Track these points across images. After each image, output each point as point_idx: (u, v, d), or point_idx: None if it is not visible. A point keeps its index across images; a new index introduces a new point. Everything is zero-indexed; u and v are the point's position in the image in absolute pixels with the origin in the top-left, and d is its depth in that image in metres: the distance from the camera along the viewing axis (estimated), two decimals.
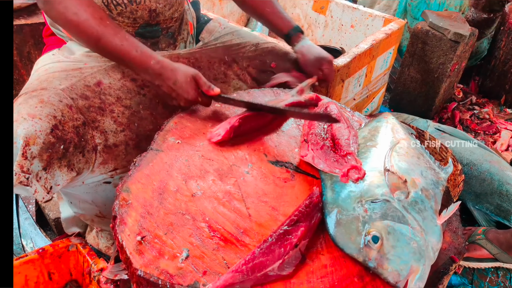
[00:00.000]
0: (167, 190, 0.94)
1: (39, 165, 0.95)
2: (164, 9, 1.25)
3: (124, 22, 1.21)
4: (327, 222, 0.83)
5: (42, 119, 0.97)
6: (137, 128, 1.16)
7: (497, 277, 1.46)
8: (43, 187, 0.97)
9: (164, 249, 0.82)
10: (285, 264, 0.78)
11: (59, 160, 0.99)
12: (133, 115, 1.16)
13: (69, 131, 1.02)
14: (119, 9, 1.18)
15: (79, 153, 1.04)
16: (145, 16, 1.22)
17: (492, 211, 1.60)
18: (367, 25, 2.23)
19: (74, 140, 1.02)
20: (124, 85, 1.16)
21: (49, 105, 1.01)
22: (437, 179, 0.91)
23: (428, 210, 0.82)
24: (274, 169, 1.03)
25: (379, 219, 0.79)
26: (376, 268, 0.74)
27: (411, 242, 0.75)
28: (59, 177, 1.00)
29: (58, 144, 0.98)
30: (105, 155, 1.11)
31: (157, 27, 1.26)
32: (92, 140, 1.08)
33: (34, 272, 1.24)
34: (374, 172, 0.90)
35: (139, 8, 1.20)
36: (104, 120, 1.11)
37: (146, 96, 1.19)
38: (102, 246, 1.45)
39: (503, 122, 2.29)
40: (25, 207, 1.63)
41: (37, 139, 0.94)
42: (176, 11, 1.30)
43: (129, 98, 1.17)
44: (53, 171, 0.98)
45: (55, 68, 1.15)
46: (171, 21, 1.30)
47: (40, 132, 0.95)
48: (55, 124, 0.99)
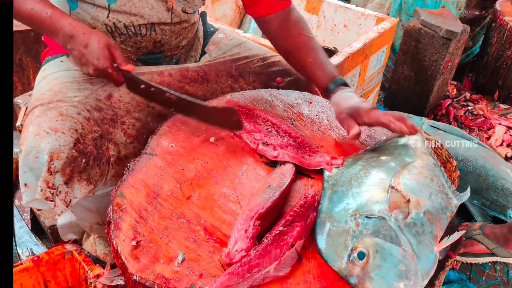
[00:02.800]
0: (161, 194, 0.94)
1: (61, 180, 0.93)
2: (170, 39, 1.22)
3: (127, 50, 1.19)
4: (316, 230, 0.81)
5: (65, 133, 0.95)
6: (146, 140, 1.15)
7: (495, 272, 1.46)
8: (62, 201, 0.95)
9: (159, 253, 0.81)
10: (282, 264, 0.78)
11: (79, 173, 0.97)
12: (142, 127, 1.15)
13: (89, 144, 1.00)
14: (123, 37, 1.16)
15: (97, 165, 1.03)
16: (149, 46, 1.20)
17: (488, 206, 1.60)
18: (360, 24, 2.23)
19: (93, 153, 1.01)
20: (133, 99, 1.15)
21: (69, 118, 0.99)
22: (446, 204, 0.85)
23: (426, 234, 0.77)
24: (269, 170, 1.02)
25: (369, 235, 0.75)
26: (356, 285, 0.71)
27: (399, 265, 0.71)
28: (78, 190, 0.99)
29: (80, 158, 0.97)
30: (117, 167, 1.09)
31: (161, 55, 1.24)
32: (107, 152, 1.07)
33: (30, 280, 1.23)
34: (377, 187, 0.86)
35: (144, 40, 1.18)
36: (116, 132, 1.10)
37: (154, 108, 1.18)
38: (100, 253, 1.44)
39: (497, 117, 2.30)
40: (20, 216, 1.62)
41: (61, 154, 0.93)
42: (184, 39, 1.27)
43: (138, 111, 1.15)
44: (73, 184, 0.97)
45: (67, 77, 1.12)
46: (177, 49, 1.28)
47: (64, 146, 0.94)
48: (77, 138, 0.97)
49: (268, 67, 1.38)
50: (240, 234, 0.81)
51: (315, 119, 1.21)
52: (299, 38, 1.22)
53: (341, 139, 1.14)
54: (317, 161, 1.03)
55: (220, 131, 1.12)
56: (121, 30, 1.14)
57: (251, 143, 1.08)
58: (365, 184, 0.87)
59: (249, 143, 1.09)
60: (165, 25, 1.18)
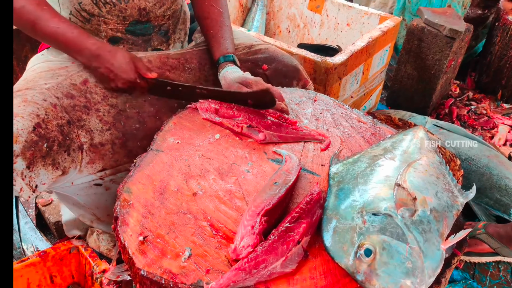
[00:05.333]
0: (168, 190, 0.94)
1: (23, 164, 0.95)
2: (154, 7, 1.25)
3: (114, 20, 1.21)
4: (322, 227, 0.81)
5: (24, 118, 0.97)
6: (123, 127, 1.16)
7: (499, 271, 1.46)
8: (28, 186, 0.97)
9: (166, 248, 0.82)
10: (288, 261, 0.78)
11: (43, 158, 0.99)
12: (119, 113, 1.16)
13: (53, 129, 1.02)
14: (108, 7, 1.18)
15: (64, 151, 1.04)
16: (135, 14, 1.22)
17: (492, 206, 1.60)
18: (363, 23, 2.23)
19: (58, 138, 1.02)
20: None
21: (32, 103, 1.01)
22: (452, 202, 0.85)
23: (433, 232, 0.77)
24: (275, 167, 1.03)
25: (376, 232, 0.75)
26: (363, 282, 0.71)
27: (405, 262, 0.71)
28: (44, 175, 1.00)
29: (41, 143, 0.98)
30: (91, 154, 1.11)
31: (148, 24, 1.26)
32: (77, 138, 1.08)
33: (36, 275, 1.24)
34: (383, 184, 0.85)
35: (128, 7, 1.20)
36: (90, 119, 1.11)
37: (133, 95, 1.19)
38: (103, 249, 1.45)
39: (500, 117, 2.30)
40: (25, 211, 1.63)
41: (19, 137, 0.94)
42: (168, 9, 1.30)
43: (115, 97, 1.16)
44: (37, 169, 0.98)
45: (43, 67, 1.15)
46: (163, 19, 1.30)
47: (22, 130, 0.95)
48: (38, 123, 0.99)
49: (254, 54, 1.40)
50: (247, 230, 0.82)
51: (319, 116, 1.22)
52: (210, 9, 1.34)
53: (346, 136, 1.14)
54: (302, 134, 1.12)
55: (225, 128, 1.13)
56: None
57: (235, 126, 1.11)
58: (371, 181, 0.88)
59: (232, 128, 1.12)
60: None
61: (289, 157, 1.03)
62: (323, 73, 1.68)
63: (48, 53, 1.22)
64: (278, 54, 1.41)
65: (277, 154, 1.06)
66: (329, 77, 1.69)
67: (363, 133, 1.16)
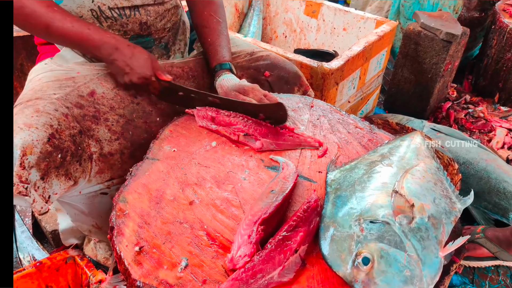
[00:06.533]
0: (164, 199, 0.94)
1: (37, 175, 0.94)
2: (155, 21, 1.25)
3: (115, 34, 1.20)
4: (320, 235, 0.80)
5: (38, 128, 0.96)
6: (132, 136, 1.15)
7: (498, 276, 1.46)
8: (41, 197, 0.96)
9: (162, 258, 0.81)
10: (286, 270, 0.77)
11: (56, 169, 0.98)
12: (127, 123, 1.16)
13: (66, 139, 1.01)
14: (109, 22, 1.18)
15: (76, 162, 1.04)
16: (136, 28, 1.23)
17: (490, 209, 1.60)
18: (359, 27, 2.24)
19: (71, 148, 1.02)
20: (117, 95, 1.16)
21: (45, 114, 1.00)
22: (450, 209, 0.85)
23: (431, 239, 0.76)
24: (272, 175, 1.02)
25: (374, 240, 0.74)
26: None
27: (404, 270, 0.71)
28: (57, 186, 0.99)
29: (55, 153, 0.98)
30: (101, 164, 1.10)
31: (149, 38, 1.27)
32: (88, 148, 1.08)
33: (32, 286, 1.23)
34: (380, 191, 0.85)
35: (129, 21, 1.20)
36: (99, 128, 1.11)
37: (139, 105, 1.19)
38: (100, 257, 1.44)
39: (498, 120, 2.30)
40: (21, 220, 1.62)
41: (34, 149, 0.93)
42: (168, 21, 1.30)
43: (122, 108, 1.16)
44: (51, 180, 0.98)
45: (48, 77, 1.14)
46: (164, 32, 1.30)
47: (37, 141, 0.94)
48: (52, 133, 0.98)
49: (256, 61, 1.41)
50: (244, 239, 0.81)
51: (316, 123, 1.21)
52: (209, 18, 1.35)
53: (343, 142, 1.14)
54: (298, 141, 1.12)
55: (222, 136, 1.13)
56: (106, 14, 1.16)
57: (231, 134, 1.10)
58: (369, 188, 0.87)
59: (229, 136, 1.11)
60: (148, 6, 1.22)
61: (286, 164, 1.03)
62: (320, 79, 1.68)
63: (52, 62, 1.21)
64: (279, 61, 1.43)
65: (274, 161, 1.06)
66: (326, 82, 1.69)
67: (360, 139, 1.16)
